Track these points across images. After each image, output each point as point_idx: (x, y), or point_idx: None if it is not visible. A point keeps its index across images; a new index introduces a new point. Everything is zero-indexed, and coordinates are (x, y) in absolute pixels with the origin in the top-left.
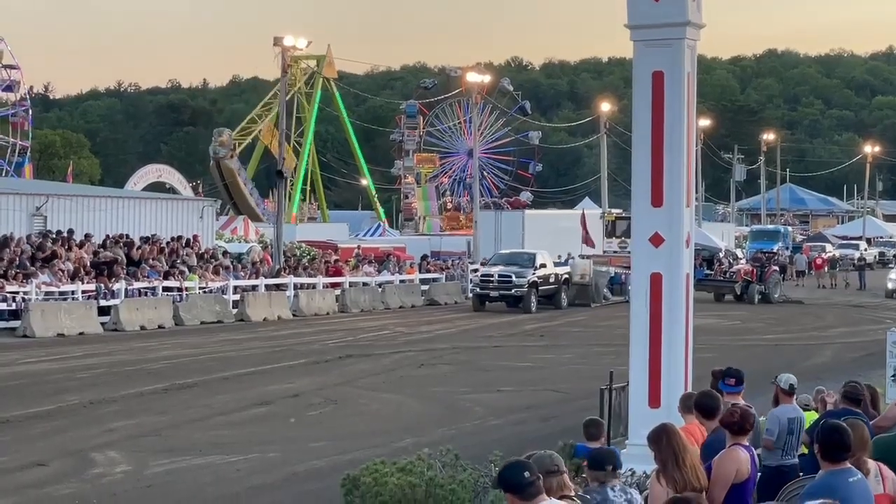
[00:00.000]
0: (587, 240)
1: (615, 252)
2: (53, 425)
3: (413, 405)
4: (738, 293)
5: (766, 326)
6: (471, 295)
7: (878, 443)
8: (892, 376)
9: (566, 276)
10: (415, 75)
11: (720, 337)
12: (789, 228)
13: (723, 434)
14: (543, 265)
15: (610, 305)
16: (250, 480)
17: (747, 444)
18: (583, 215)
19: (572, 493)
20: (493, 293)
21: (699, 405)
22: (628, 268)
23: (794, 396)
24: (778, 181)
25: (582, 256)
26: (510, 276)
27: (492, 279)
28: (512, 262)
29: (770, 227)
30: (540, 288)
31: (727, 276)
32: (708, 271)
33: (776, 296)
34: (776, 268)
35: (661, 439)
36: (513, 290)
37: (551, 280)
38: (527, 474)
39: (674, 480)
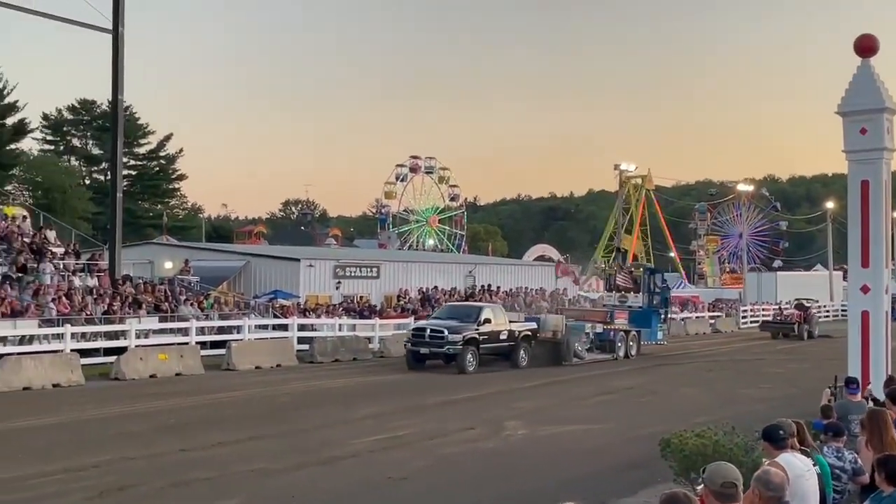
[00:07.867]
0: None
1: (615, 305)
2: (478, 405)
3: (704, 395)
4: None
5: None
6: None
7: None
8: None
9: (527, 332)
10: (704, 186)
11: None
12: None
13: None
14: (488, 320)
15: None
16: (597, 441)
17: None
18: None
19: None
20: (424, 350)
21: (889, 394)
22: (606, 324)
23: None
24: None
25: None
26: (443, 332)
27: (424, 334)
28: (453, 316)
29: None
30: (483, 345)
31: (786, 318)
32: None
33: (816, 332)
34: (815, 311)
35: (874, 419)
36: (445, 347)
37: (502, 336)
38: (781, 432)
39: (877, 448)
